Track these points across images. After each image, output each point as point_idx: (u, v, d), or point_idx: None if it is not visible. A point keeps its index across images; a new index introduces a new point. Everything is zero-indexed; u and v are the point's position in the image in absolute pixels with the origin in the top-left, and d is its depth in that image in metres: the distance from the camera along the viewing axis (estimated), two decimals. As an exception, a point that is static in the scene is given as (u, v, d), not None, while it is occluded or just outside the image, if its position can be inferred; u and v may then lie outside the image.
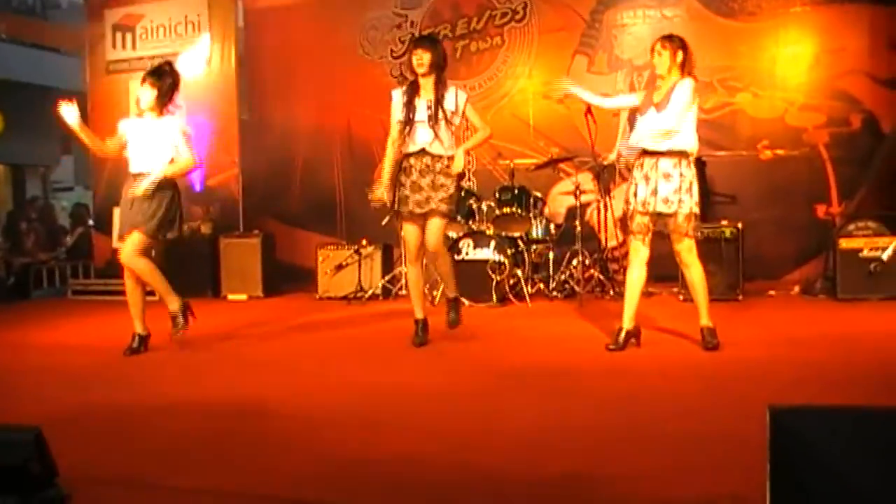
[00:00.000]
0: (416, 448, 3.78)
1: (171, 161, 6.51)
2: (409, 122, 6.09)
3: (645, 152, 5.88)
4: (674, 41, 5.89)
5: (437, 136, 6.05)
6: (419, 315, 6.39)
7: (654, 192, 5.76)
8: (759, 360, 5.54)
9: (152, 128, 6.58)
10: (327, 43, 11.09)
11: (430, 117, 6.03)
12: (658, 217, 5.84)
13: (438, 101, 6.06)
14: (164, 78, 6.64)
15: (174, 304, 6.70)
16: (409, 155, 6.13)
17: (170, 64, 6.87)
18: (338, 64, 10.96)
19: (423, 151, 6.07)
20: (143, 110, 6.68)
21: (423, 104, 6.08)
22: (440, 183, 6.06)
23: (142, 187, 6.33)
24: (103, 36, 11.97)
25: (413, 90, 6.15)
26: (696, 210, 5.80)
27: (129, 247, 6.41)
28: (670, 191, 5.72)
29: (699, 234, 7.52)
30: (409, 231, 6.25)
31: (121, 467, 3.64)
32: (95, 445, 3.97)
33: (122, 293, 7.51)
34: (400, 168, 6.17)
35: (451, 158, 6.09)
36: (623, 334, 6.02)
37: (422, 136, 6.07)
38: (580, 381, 5.12)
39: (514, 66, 10.64)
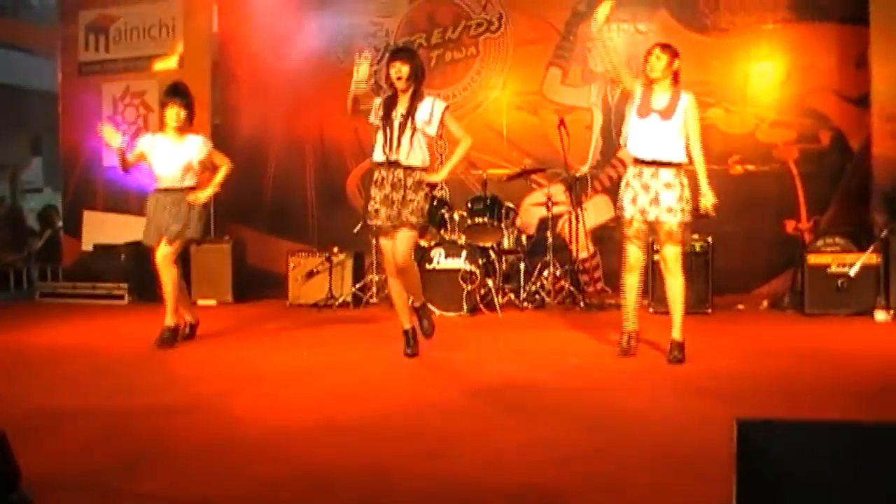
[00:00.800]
0: (386, 457, 3.77)
1: (199, 173, 6.99)
2: (384, 136, 5.99)
3: (643, 161, 5.96)
4: (671, 50, 6.00)
5: (409, 147, 5.95)
6: (407, 326, 6.31)
7: (656, 202, 5.88)
8: (727, 374, 5.57)
9: (178, 145, 6.92)
10: (301, 49, 11.07)
11: (401, 127, 5.95)
12: (655, 224, 5.94)
13: (410, 113, 5.97)
14: (188, 96, 6.99)
15: (172, 321, 7.04)
16: (380, 166, 6.04)
17: (184, 84, 7.16)
18: (312, 71, 10.94)
19: (395, 163, 5.98)
20: (170, 128, 6.93)
21: (398, 115, 6.00)
22: (409, 198, 5.96)
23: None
24: (76, 37, 11.89)
25: (391, 102, 6.07)
26: (689, 219, 5.93)
27: (169, 253, 6.90)
28: (673, 200, 5.86)
29: (692, 244, 7.61)
30: (386, 246, 6.17)
31: (85, 472, 3.60)
32: (60, 449, 3.92)
33: (91, 297, 7.57)
34: (372, 180, 6.11)
35: (424, 170, 6.04)
36: (627, 338, 6.21)
37: (395, 147, 5.95)
38: (550, 394, 5.12)
39: (489, 77, 10.67)
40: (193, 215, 6.93)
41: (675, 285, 6.02)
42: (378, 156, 6.06)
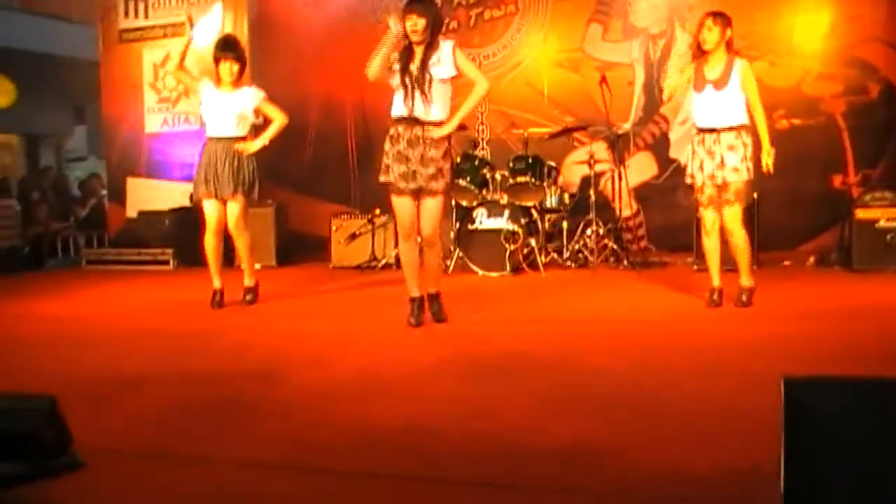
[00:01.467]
0: (427, 418, 3.79)
1: (248, 122, 7.18)
2: (400, 88, 5.80)
3: (704, 129, 6.17)
4: (723, 18, 6.13)
5: (427, 101, 5.75)
6: (415, 293, 6.07)
7: (722, 165, 6.08)
8: (773, 332, 5.53)
9: (231, 97, 7.07)
10: (340, 10, 11.04)
11: (419, 80, 5.74)
12: (723, 186, 6.15)
13: (426, 64, 5.76)
14: (240, 49, 7.20)
15: (254, 279, 7.43)
16: (397, 122, 5.85)
17: (235, 37, 7.44)
18: (350, 32, 10.90)
19: (412, 119, 5.79)
20: (225, 83, 7.09)
21: (415, 70, 5.78)
22: (430, 156, 5.77)
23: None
24: (116, 4, 11.94)
25: (408, 55, 5.83)
26: (753, 176, 6.18)
27: (238, 210, 7.07)
28: (738, 160, 6.07)
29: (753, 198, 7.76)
30: (398, 205, 5.94)
31: (136, 436, 3.66)
32: (110, 415, 3.99)
33: (137, 263, 7.72)
34: (388, 136, 5.90)
35: (440, 123, 5.83)
36: (717, 294, 6.38)
37: (412, 103, 5.76)
38: (591, 354, 5.11)
39: (528, 35, 10.57)
40: (245, 168, 7.04)
41: (738, 240, 6.28)
42: (396, 111, 5.85)
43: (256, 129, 7.36)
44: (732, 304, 6.32)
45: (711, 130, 6.13)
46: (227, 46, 7.15)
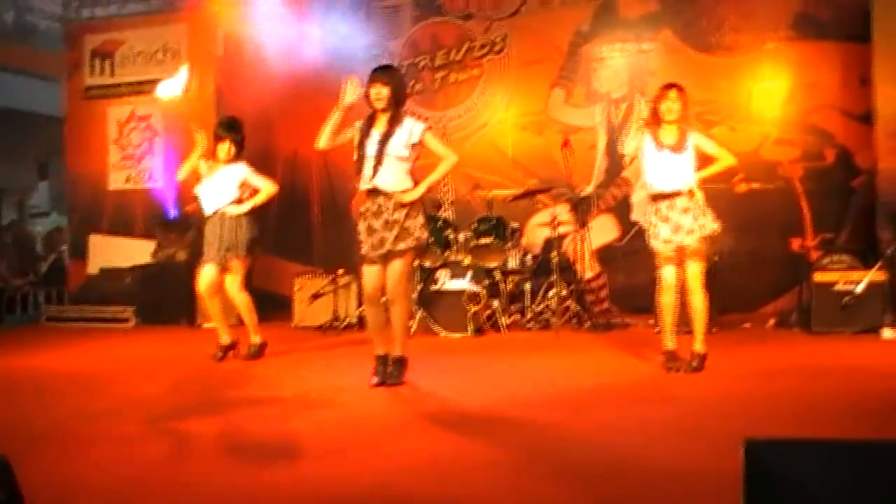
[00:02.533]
0: (393, 481, 3.75)
1: (241, 197, 7.37)
2: (361, 158, 5.85)
3: (659, 195, 6.26)
4: (685, 92, 6.30)
5: (385, 172, 5.79)
6: (379, 351, 6.05)
7: (677, 229, 6.18)
8: (734, 393, 5.55)
9: (223, 172, 7.37)
10: (306, 71, 11.10)
11: (378, 153, 5.78)
12: (680, 248, 6.24)
13: (387, 137, 5.79)
14: (240, 131, 7.51)
15: (258, 338, 7.56)
16: (364, 196, 5.90)
17: (236, 120, 7.68)
18: (315, 92, 10.94)
19: (374, 190, 5.83)
20: (221, 161, 7.40)
21: (374, 139, 5.83)
22: (393, 220, 5.80)
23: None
24: (82, 61, 11.95)
25: (369, 124, 5.90)
26: (716, 226, 6.26)
27: (232, 278, 7.37)
28: (691, 221, 6.17)
29: (715, 257, 7.81)
30: (365, 273, 6.01)
31: (91, 496, 3.59)
32: (65, 473, 3.91)
33: (97, 320, 7.75)
34: (358, 212, 5.96)
35: (403, 192, 5.86)
36: (673, 358, 6.35)
37: (372, 174, 5.80)
38: (553, 413, 5.10)
39: (493, 97, 10.70)
40: (242, 232, 7.28)
41: (696, 301, 6.30)
42: (360, 183, 5.90)
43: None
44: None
45: (665, 196, 6.21)
46: (229, 128, 7.51)
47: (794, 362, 6.78)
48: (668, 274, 6.33)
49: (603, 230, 10.10)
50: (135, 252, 11.12)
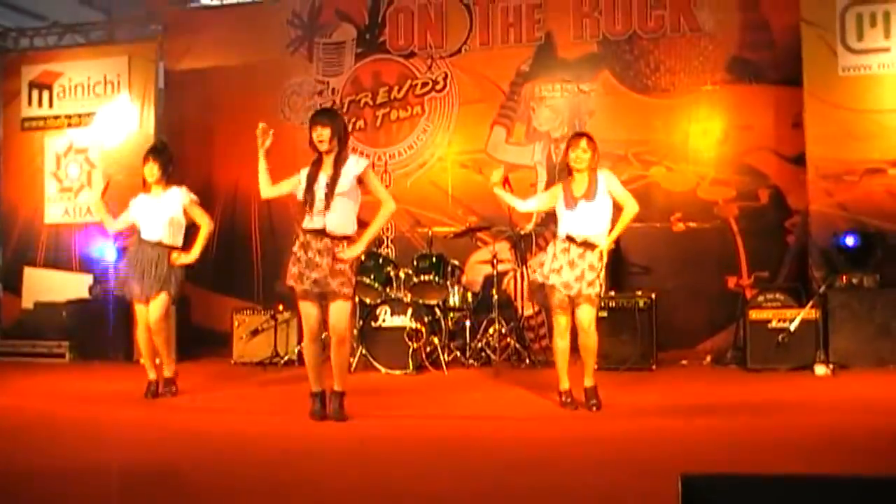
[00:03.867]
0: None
1: (179, 224, 7.34)
2: (309, 200, 5.90)
3: (574, 239, 6.28)
4: (594, 142, 6.39)
5: (334, 214, 5.87)
6: (316, 389, 6.11)
7: (581, 278, 6.20)
8: (671, 429, 5.59)
9: (158, 201, 7.28)
10: (248, 107, 11.02)
11: (327, 196, 5.84)
12: (576, 295, 6.25)
13: (335, 178, 5.88)
14: (165, 153, 7.47)
15: (172, 369, 7.51)
16: (307, 231, 5.93)
17: (164, 142, 7.75)
18: (257, 127, 10.90)
19: (322, 231, 5.88)
20: (151, 184, 7.31)
21: (321, 182, 5.90)
22: (339, 269, 5.86)
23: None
24: (19, 92, 11.78)
25: (317, 168, 5.97)
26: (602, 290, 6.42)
27: (160, 310, 7.22)
28: (594, 277, 6.23)
29: (612, 303, 7.83)
30: (306, 311, 6.02)
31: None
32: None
33: (31, 355, 7.69)
34: (298, 243, 5.98)
35: (349, 239, 5.94)
36: (568, 396, 6.41)
37: (320, 216, 5.86)
38: (492, 451, 5.11)
39: (434, 136, 10.74)
40: (173, 272, 7.24)
41: (589, 342, 6.36)
42: (306, 223, 5.94)
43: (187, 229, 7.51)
44: (583, 408, 6.32)
45: (581, 243, 6.25)
46: (152, 149, 7.57)
47: (730, 398, 6.87)
48: (561, 321, 6.36)
49: (534, 266, 10.14)
50: (71, 286, 10.93)
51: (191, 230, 7.49)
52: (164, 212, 7.25)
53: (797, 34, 9.14)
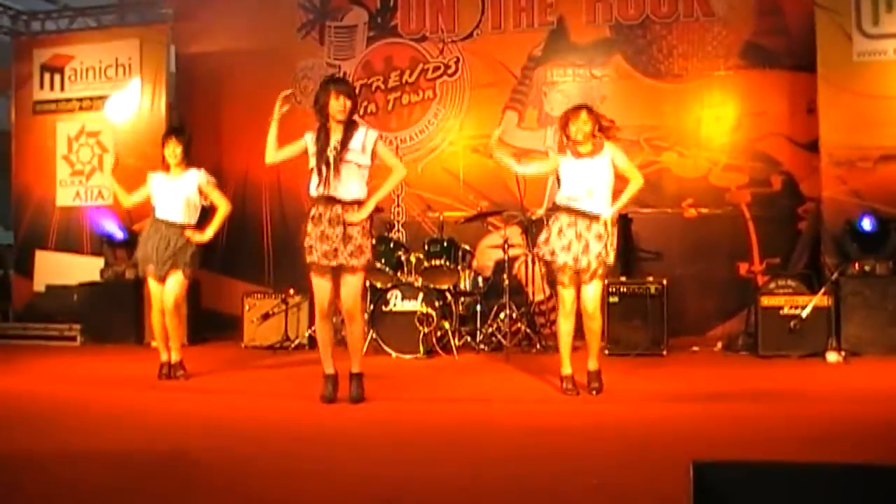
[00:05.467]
0: (344, 498, 3.73)
1: (195, 205, 7.36)
2: (318, 166, 5.87)
3: (576, 211, 6.19)
4: (594, 113, 6.29)
5: (343, 181, 5.84)
6: (329, 370, 6.10)
7: (587, 250, 6.13)
8: (682, 416, 5.58)
9: (177, 182, 7.32)
10: (259, 90, 11.00)
11: (336, 160, 5.81)
12: (583, 269, 6.20)
13: (344, 143, 5.86)
14: (186, 134, 7.51)
15: (180, 354, 7.42)
16: (317, 202, 5.90)
17: (182, 125, 7.78)
18: (268, 111, 10.87)
19: (331, 199, 5.85)
20: (171, 165, 7.34)
21: (331, 146, 5.86)
22: (349, 234, 5.83)
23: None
24: (31, 75, 11.82)
25: (325, 133, 5.92)
26: (612, 261, 6.31)
27: (177, 289, 7.26)
28: (601, 247, 6.15)
29: (623, 288, 7.82)
30: (318, 285, 5.99)
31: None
32: (15, 497, 3.84)
33: (43, 338, 7.70)
34: (309, 216, 5.95)
35: (360, 204, 5.92)
36: (570, 381, 6.35)
37: (331, 182, 5.83)
38: (502, 437, 5.11)
39: (446, 120, 10.73)
40: (187, 250, 7.24)
41: (594, 325, 6.36)
42: (314, 190, 5.92)
43: (204, 212, 7.52)
44: (585, 392, 6.32)
45: (585, 215, 6.16)
46: (173, 130, 7.60)
47: (741, 385, 6.85)
48: (566, 297, 6.29)
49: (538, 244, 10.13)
50: (82, 269, 10.97)
51: (205, 214, 7.50)
52: (180, 192, 7.27)
53: (811, 19, 9.09)
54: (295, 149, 6.06)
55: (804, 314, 8.07)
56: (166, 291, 7.23)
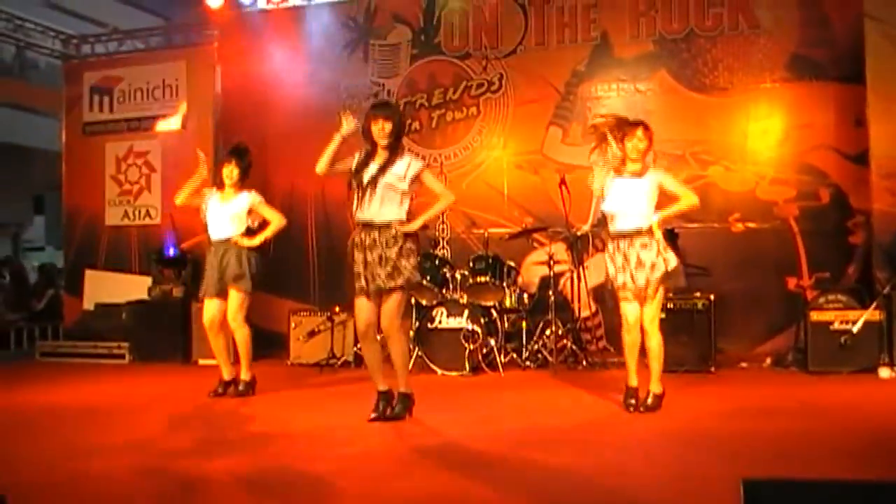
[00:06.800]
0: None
1: (249, 227, 7.50)
2: (358, 189, 5.97)
3: (616, 233, 6.30)
4: (650, 131, 6.31)
5: (381, 205, 5.92)
6: (381, 387, 6.13)
7: (640, 264, 6.18)
8: (731, 433, 5.54)
9: (230, 202, 7.47)
10: (303, 108, 11.15)
11: (372, 183, 5.90)
12: (642, 286, 6.23)
13: (385, 168, 5.92)
14: (246, 156, 7.59)
15: (250, 374, 7.57)
16: (358, 227, 6.02)
17: (245, 144, 7.76)
18: (313, 129, 10.95)
19: (369, 224, 5.95)
20: (226, 185, 7.48)
21: (371, 170, 5.95)
22: (387, 256, 5.89)
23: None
24: (81, 97, 12.04)
25: (369, 156, 6.02)
26: (675, 262, 6.27)
27: (235, 303, 7.37)
28: (653, 255, 6.17)
29: (670, 304, 7.77)
30: (358, 307, 6.05)
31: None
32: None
33: (92, 356, 7.79)
34: (352, 243, 6.05)
35: (400, 223, 5.96)
36: (634, 395, 6.36)
37: (367, 205, 5.93)
38: (551, 454, 5.09)
39: (490, 137, 10.74)
40: (243, 263, 7.35)
41: (654, 345, 6.35)
42: (356, 214, 6.02)
43: (252, 232, 7.60)
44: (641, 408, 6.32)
45: (624, 235, 6.23)
46: (234, 151, 7.61)
47: (791, 402, 6.79)
48: (628, 311, 6.35)
49: (599, 269, 10.02)
50: (130, 288, 11.13)
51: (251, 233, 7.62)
52: (229, 211, 7.43)
53: (859, 29, 8.98)
54: (344, 165, 6.13)
55: (855, 329, 7.98)
56: (228, 307, 7.39)
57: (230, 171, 7.44)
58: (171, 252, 10.90)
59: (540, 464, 4.79)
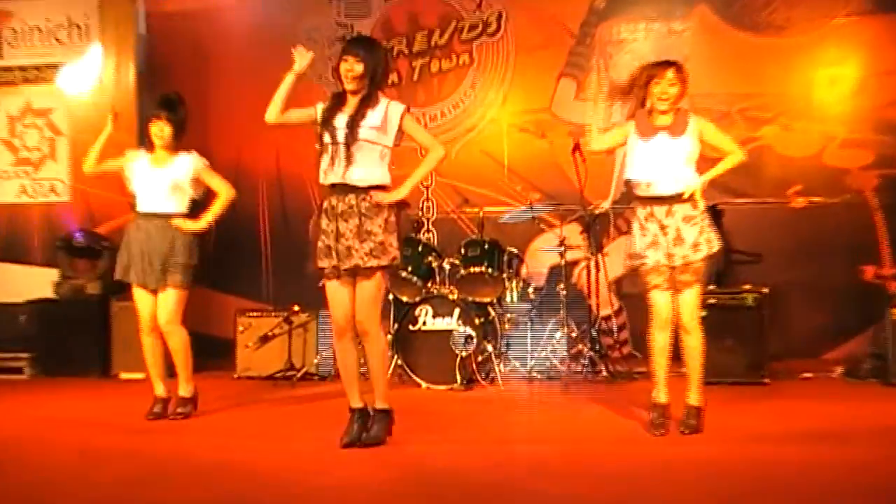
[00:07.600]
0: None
1: (180, 191, 7.38)
2: (326, 146, 5.89)
3: (653, 197, 6.18)
4: (684, 72, 6.25)
5: (358, 164, 5.83)
6: (355, 403, 6.05)
7: (680, 240, 6.12)
8: (789, 461, 5.50)
9: (163, 167, 7.36)
10: (252, 58, 11.07)
11: (346, 138, 5.80)
12: (679, 267, 6.17)
13: (357, 119, 5.83)
14: (180, 110, 7.47)
15: (190, 387, 7.52)
16: (329, 192, 5.92)
17: (178, 94, 7.61)
18: (265, 85, 10.88)
19: (343, 186, 5.84)
20: (157, 147, 7.39)
21: (342, 122, 5.87)
22: (366, 229, 5.81)
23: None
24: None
25: (336, 105, 5.96)
26: (719, 245, 6.24)
27: (171, 304, 7.29)
28: (696, 233, 6.13)
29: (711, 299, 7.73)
30: (332, 294, 5.97)
31: None
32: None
33: None
34: (320, 211, 5.96)
35: (383, 189, 5.89)
36: (663, 414, 6.31)
37: (339, 165, 5.83)
38: (560, 486, 5.05)
39: (486, 91, 10.72)
40: (180, 252, 7.29)
41: (694, 342, 6.28)
42: (322, 177, 5.93)
43: (197, 206, 7.55)
44: (676, 427, 6.25)
45: (661, 200, 6.15)
46: (162, 103, 7.47)
47: (866, 422, 6.78)
48: (661, 303, 6.28)
49: (623, 256, 10.07)
50: (31, 284, 11.03)
51: (194, 208, 7.57)
52: (166, 179, 7.31)
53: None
54: (303, 115, 6.05)
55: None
56: (160, 307, 7.28)
57: (160, 129, 7.32)
58: (83, 238, 10.79)
59: (550, 498, 4.75)
